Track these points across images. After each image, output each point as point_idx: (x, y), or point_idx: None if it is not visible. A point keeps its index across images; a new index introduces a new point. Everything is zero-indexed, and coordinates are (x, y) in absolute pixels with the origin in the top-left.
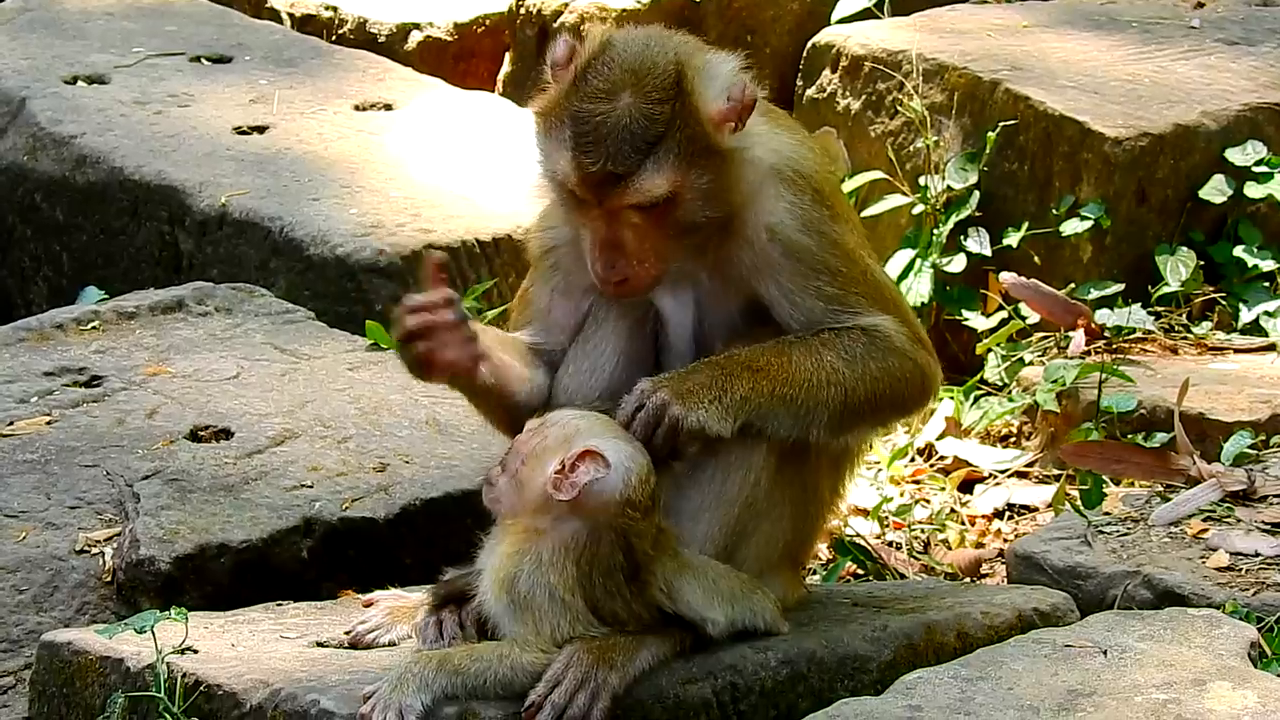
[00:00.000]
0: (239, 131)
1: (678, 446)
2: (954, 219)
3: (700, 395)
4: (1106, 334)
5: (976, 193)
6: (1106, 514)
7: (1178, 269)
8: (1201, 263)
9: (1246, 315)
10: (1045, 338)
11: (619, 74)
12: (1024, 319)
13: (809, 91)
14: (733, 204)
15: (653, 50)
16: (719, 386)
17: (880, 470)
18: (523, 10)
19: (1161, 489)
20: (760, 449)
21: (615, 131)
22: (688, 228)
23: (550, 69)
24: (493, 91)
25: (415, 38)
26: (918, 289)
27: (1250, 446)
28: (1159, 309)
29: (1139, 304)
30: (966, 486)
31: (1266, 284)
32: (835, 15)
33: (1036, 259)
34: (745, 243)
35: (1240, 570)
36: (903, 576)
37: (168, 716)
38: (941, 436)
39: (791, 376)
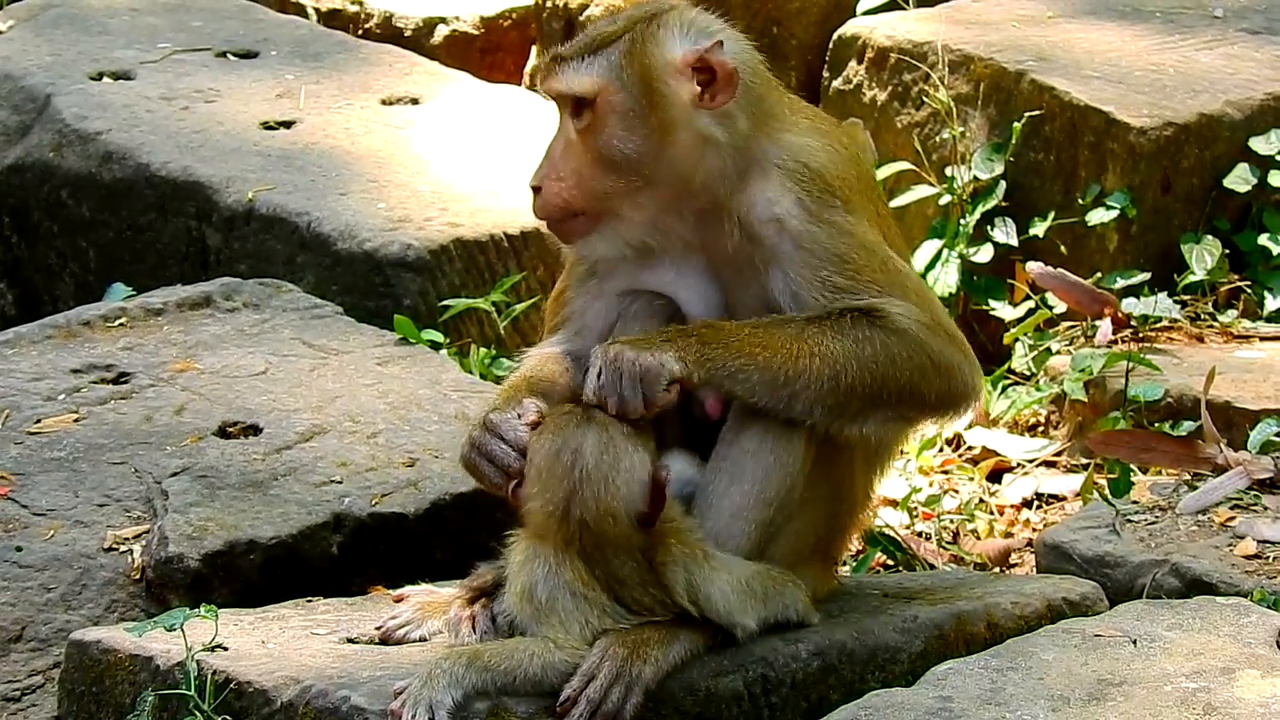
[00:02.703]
0: (265, 126)
1: (649, 395)
2: (980, 209)
3: (659, 344)
4: (1133, 323)
5: (1003, 183)
6: (1134, 503)
7: (1203, 258)
8: (1227, 251)
9: (1272, 303)
10: (1072, 327)
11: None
12: (1051, 308)
13: (835, 83)
14: (685, 175)
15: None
16: (679, 341)
17: (909, 461)
18: (548, 4)
19: (1189, 477)
20: (798, 448)
21: (578, 37)
22: (608, 156)
23: None
24: (519, 85)
25: (441, 32)
26: (945, 279)
27: (1277, 434)
28: (1185, 298)
29: (1165, 293)
30: (995, 476)
31: None
32: (861, 7)
33: (1063, 248)
34: (756, 237)
35: (1268, 558)
36: (932, 567)
37: (198, 714)
38: (970, 426)
39: (765, 341)
